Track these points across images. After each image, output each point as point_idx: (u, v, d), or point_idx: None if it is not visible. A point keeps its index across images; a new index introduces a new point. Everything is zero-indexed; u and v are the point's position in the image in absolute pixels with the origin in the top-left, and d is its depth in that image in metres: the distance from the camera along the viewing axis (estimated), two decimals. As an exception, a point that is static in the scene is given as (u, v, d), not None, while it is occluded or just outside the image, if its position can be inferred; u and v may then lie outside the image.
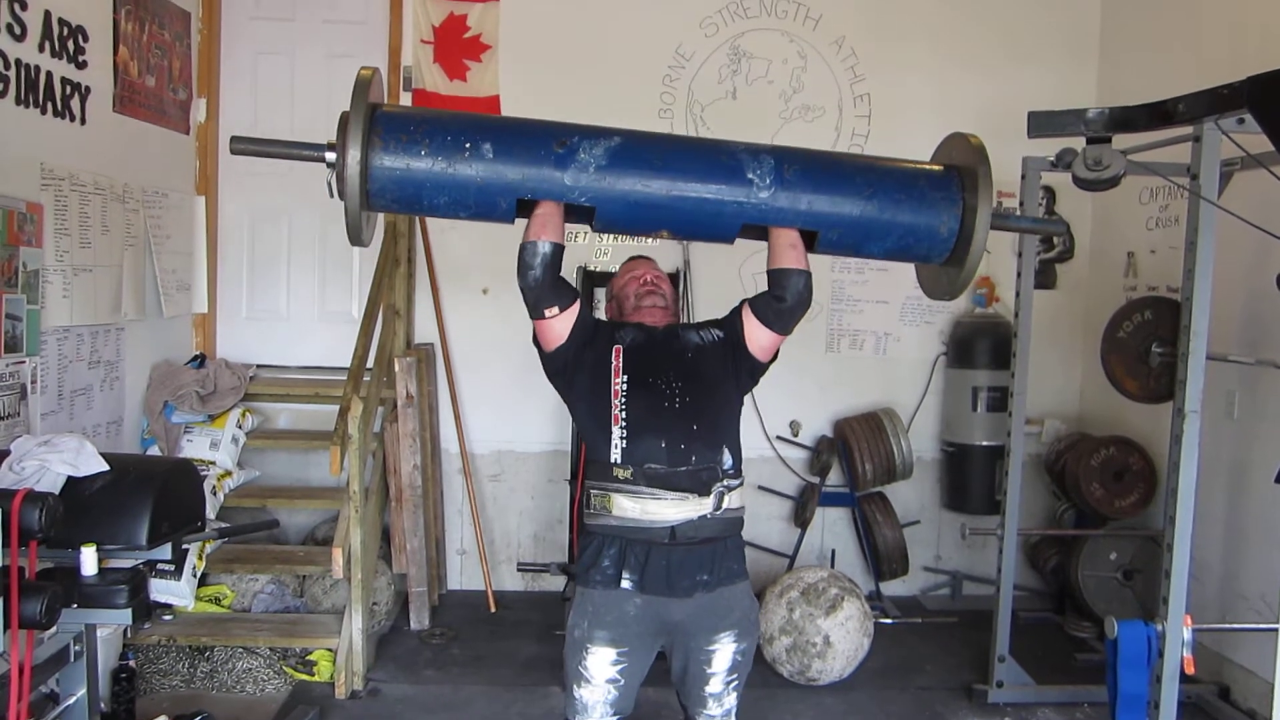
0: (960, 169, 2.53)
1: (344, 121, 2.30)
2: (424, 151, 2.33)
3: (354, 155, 2.27)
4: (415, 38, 5.38)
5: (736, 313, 2.72)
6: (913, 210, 2.48)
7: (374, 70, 2.39)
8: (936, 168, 2.59)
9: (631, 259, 3.00)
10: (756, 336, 2.66)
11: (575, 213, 2.47)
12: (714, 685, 2.67)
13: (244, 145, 2.44)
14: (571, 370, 2.67)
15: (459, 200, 2.39)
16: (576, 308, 2.61)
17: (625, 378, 2.61)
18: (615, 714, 2.65)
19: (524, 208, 2.45)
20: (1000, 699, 4.30)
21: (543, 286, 2.52)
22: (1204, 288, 3.42)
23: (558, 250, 2.48)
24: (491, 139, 2.36)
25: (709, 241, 2.66)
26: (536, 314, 2.59)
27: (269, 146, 2.51)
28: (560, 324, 2.60)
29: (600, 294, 5.26)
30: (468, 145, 2.34)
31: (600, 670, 2.61)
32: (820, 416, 5.66)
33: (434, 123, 2.41)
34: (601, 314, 2.98)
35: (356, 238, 2.43)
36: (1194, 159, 3.42)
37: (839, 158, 2.60)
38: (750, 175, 2.43)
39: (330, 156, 2.35)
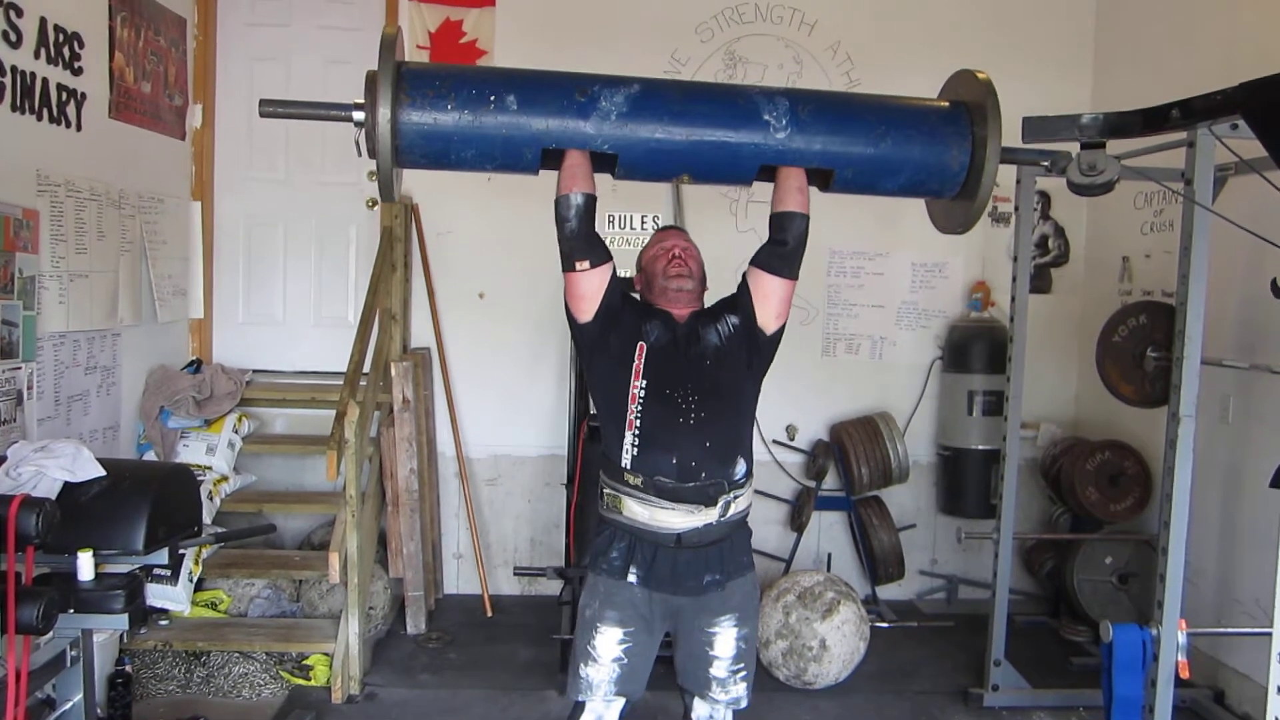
0: (968, 104, 2.63)
1: (371, 80, 2.36)
2: (450, 105, 2.39)
3: (384, 112, 2.32)
4: (411, 43, 5.38)
5: (743, 285, 2.75)
6: (924, 146, 2.56)
7: (398, 28, 2.46)
8: (945, 104, 2.69)
9: (662, 229, 3.02)
10: (769, 291, 2.69)
11: (597, 160, 2.53)
12: (717, 670, 2.71)
13: (273, 107, 2.48)
14: (597, 351, 2.70)
15: (485, 152, 2.45)
16: (607, 270, 2.64)
17: (644, 383, 2.64)
18: (619, 694, 2.70)
19: (548, 159, 2.51)
20: (996, 703, 4.31)
21: (577, 237, 2.57)
22: (1198, 292, 3.44)
23: (590, 200, 2.53)
24: (515, 91, 2.43)
25: (728, 184, 2.74)
26: (568, 265, 2.62)
27: (297, 108, 2.55)
28: (588, 281, 2.62)
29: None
30: (492, 98, 2.40)
31: (607, 650, 2.67)
32: (816, 421, 5.67)
33: (459, 77, 2.47)
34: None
35: (388, 193, 2.48)
36: (1188, 164, 3.43)
37: (851, 97, 2.71)
38: (766, 117, 2.49)
39: (359, 116, 2.40)
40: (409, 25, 5.37)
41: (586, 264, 2.60)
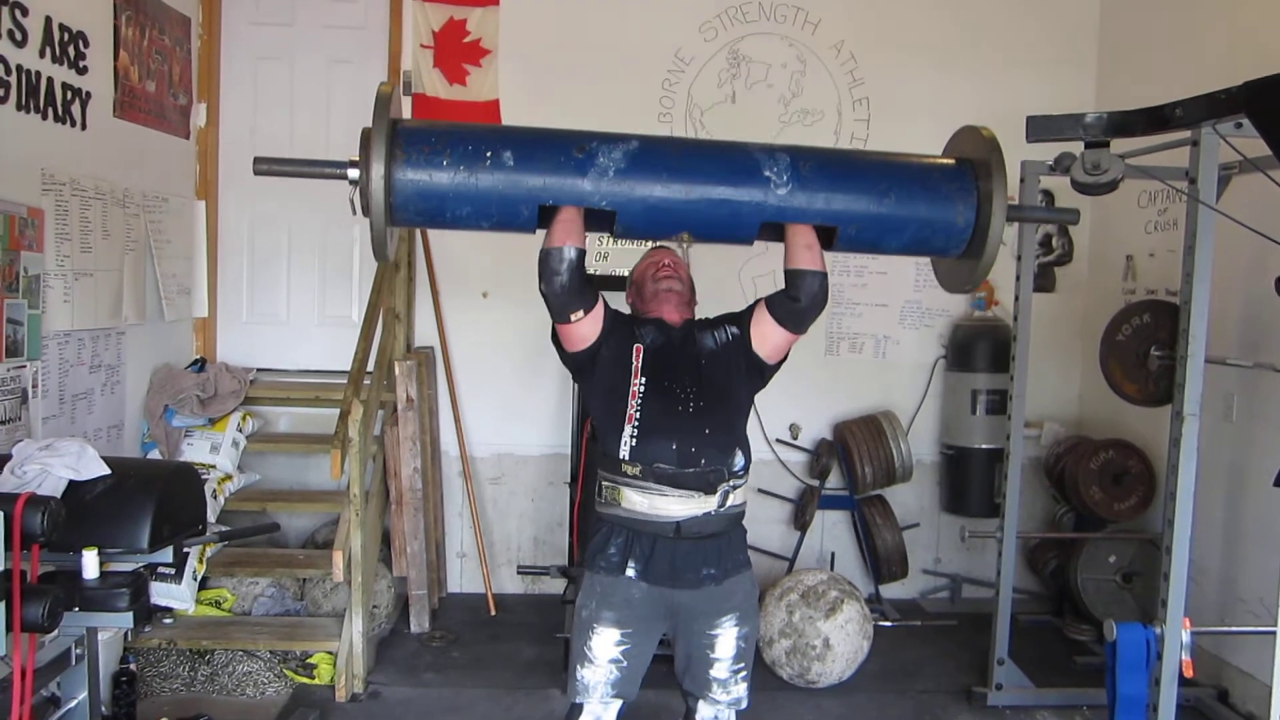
0: (973, 161, 2.57)
1: (366, 137, 2.32)
2: (446, 162, 2.35)
3: (378, 170, 2.29)
4: (415, 42, 5.38)
5: (751, 310, 2.76)
6: (929, 203, 2.51)
7: (393, 86, 2.43)
8: (950, 161, 2.63)
9: (654, 248, 3.03)
10: (770, 336, 2.70)
11: (595, 219, 2.49)
12: (719, 671, 2.71)
13: (267, 165, 2.45)
14: (591, 367, 2.72)
15: (481, 210, 2.42)
16: (599, 309, 2.65)
17: (643, 380, 2.66)
18: (616, 695, 2.70)
19: (544, 216, 2.47)
20: (999, 702, 4.31)
21: (569, 292, 2.54)
22: (1202, 291, 3.43)
23: (581, 255, 2.51)
24: (512, 147, 2.39)
25: (730, 243, 2.69)
26: (562, 319, 2.62)
27: (291, 166, 2.53)
28: (585, 327, 2.64)
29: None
30: (489, 154, 2.37)
31: (604, 651, 2.68)
32: (820, 419, 5.67)
33: (455, 134, 2.43)
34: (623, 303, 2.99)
35: (382, 253, 2.46)
36: (1192, 163, 3.43)
37: (854, 154, 2.66)
38: (767, 173, 2.46)
39: (353, 173, 2.38)
40: (412, 24, 5.37)
41: (581, 313, 2.60)
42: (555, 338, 2.73)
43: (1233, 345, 4.24)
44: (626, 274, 3.07)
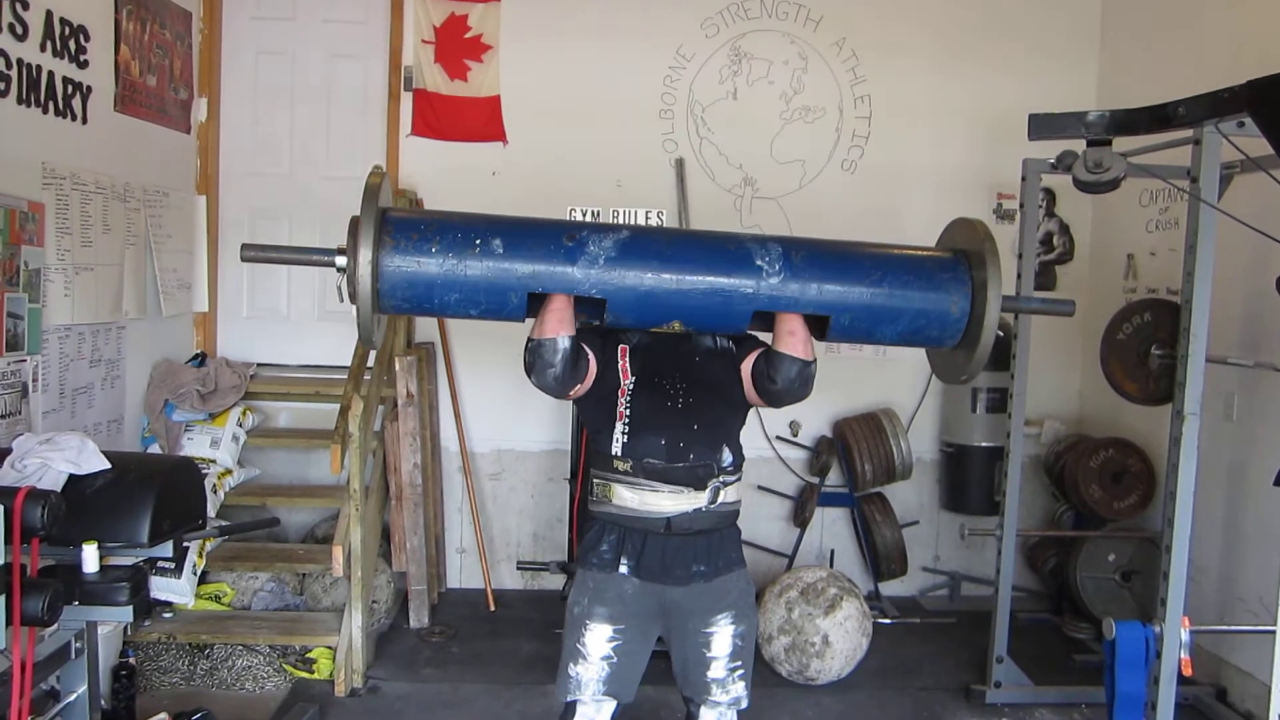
0: (967, 252, 2.56)
1: (354, 226, 2.32)
2: (434, 249, 2.35)
3: (365, 257, 2.29)
4: (416, 38, 5.38)
5: (749, 351, 2.73)
6: (923, 293, 2.49)
7: (383, 175, 2.42)
8: (944, 252, 2.62)
9: None
10: (747, 389, 2.72)
11: (584, 306, 2.48)
12: (716, 670, 2.70)
13: (254, 253, 2.47)
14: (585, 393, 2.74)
15: (470, 298, 2.41)
16: (594, 365, 2.66)
17: (633, 379, 2.68)
18: (609, 694, 2.68)
19: (533, 303, 2.47)
20: (998, 699, 4.31)
21: (563, 380, 2.55)
22: (1204, 290, 3.43)
23: (575, 343, 2.52)
24: (501, 235, 2.38)
25: (720, 331, 2.69)
26: (562, 396, 2.66)
27: (279, 253, 2.57)
28: (584, 388, 2.67)
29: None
30: (477, 241, 2.36)
31: (596, 647, 2.66)
32: (820, 417, 5.66)
33: (443, 222, 2.43)
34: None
35: (369, 340, 2.44)
36: (1194, 162, 3.42)
37: (847, 245, 2.63)
38: (759, 262, 2.44)
39: (341, 261, 2.39)
40: (413, 20, 5.38)
41: (579, 387, 2.64)
42: None
43: (1233, 344, 4.24)
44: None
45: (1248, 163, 3.46)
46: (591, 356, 2.66)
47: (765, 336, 2.66)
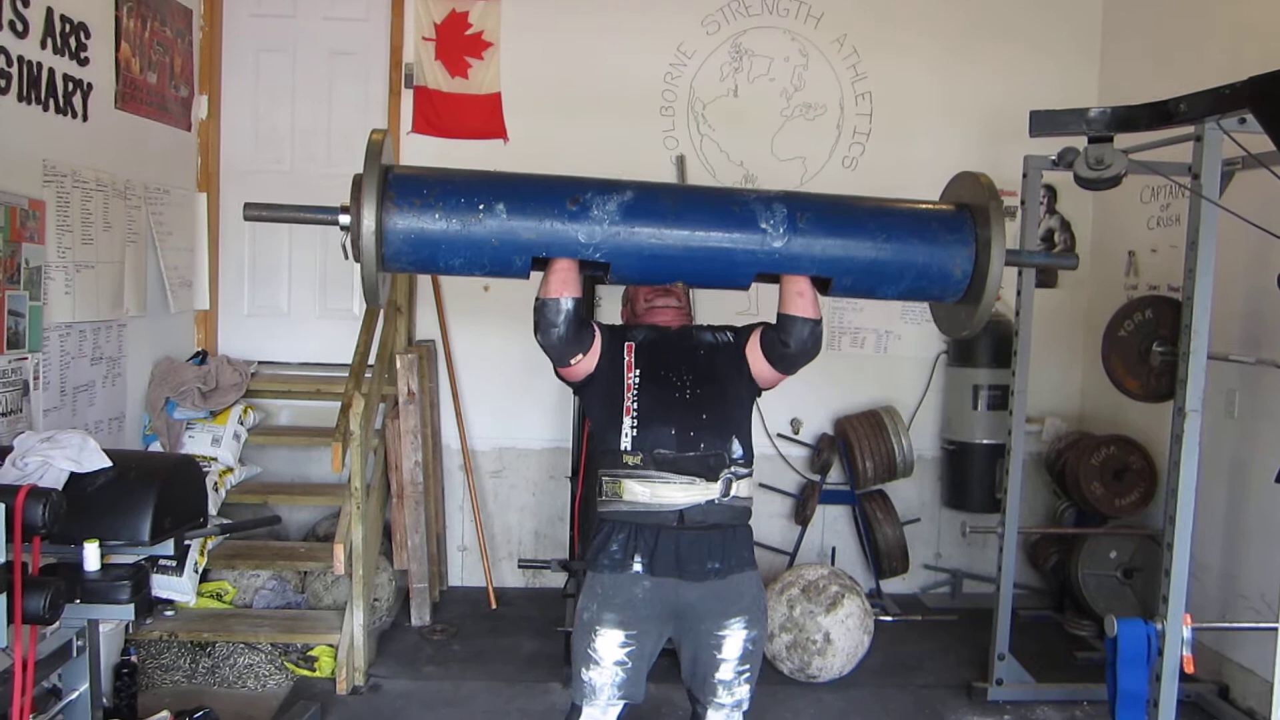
0: (971, 207, 2.54)
1: (358, 184, 2.30)
2: (438, 214, 2.33)
3: (369, 218, 2.27)
4: (417, 35, 5.38)
5: (749, 333, 2.74)
6: (926, 252, 2.48)
7: (384, 133, 2.41)
8: (947, 208, 2.59)
9: None
10: (759, 368, 2.71)
11: (589, 265, 2.47)
12: (724, 672, 2.69)
13: (256, 211, 2.45)
14: (590, 386, 2.73)
15: (474, 260, 2.40)
16: (598, 342, 2.66)
17: (638, 372, 2.67)
18: (623, 698, 2.67)
19: (538, 262, 2.46)
20: (1000, 697, 4.31)
21: (566, 342, 2.55)
22: (1205, 287, 3.42)
23: (578, 304, 2.51)
24: (505, 198, 2.36)
25: (724, 289, 2.67)
26: (562, 364, 2.63)
27: (282, 211, 2.52)
28: (584, 364, 2.65)
29: (599, 290, 5.26)
30: (481, 205, 2.34)
31: (608, 652, 2.64)
32: (821, 414, 5.67)
33: (447, 184, 2.40)
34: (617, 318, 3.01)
35: (374, 299, 2.44)
36: (1195, 158, 3.42)
37: (850, 202, 2.61)
38: (763, 224, 2.42)
39: (344, 219, 2.37)
40: (414, 17, 5.37)
41: (580, 356, 2.61)
42: (557, 373, 2.74)
43: (1235, 341, 4.24)
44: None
45: (1249, 159, 3.45)
46: (598, 334, 2.66)
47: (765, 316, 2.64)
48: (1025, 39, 5.58)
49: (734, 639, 2.68)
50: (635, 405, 2.64)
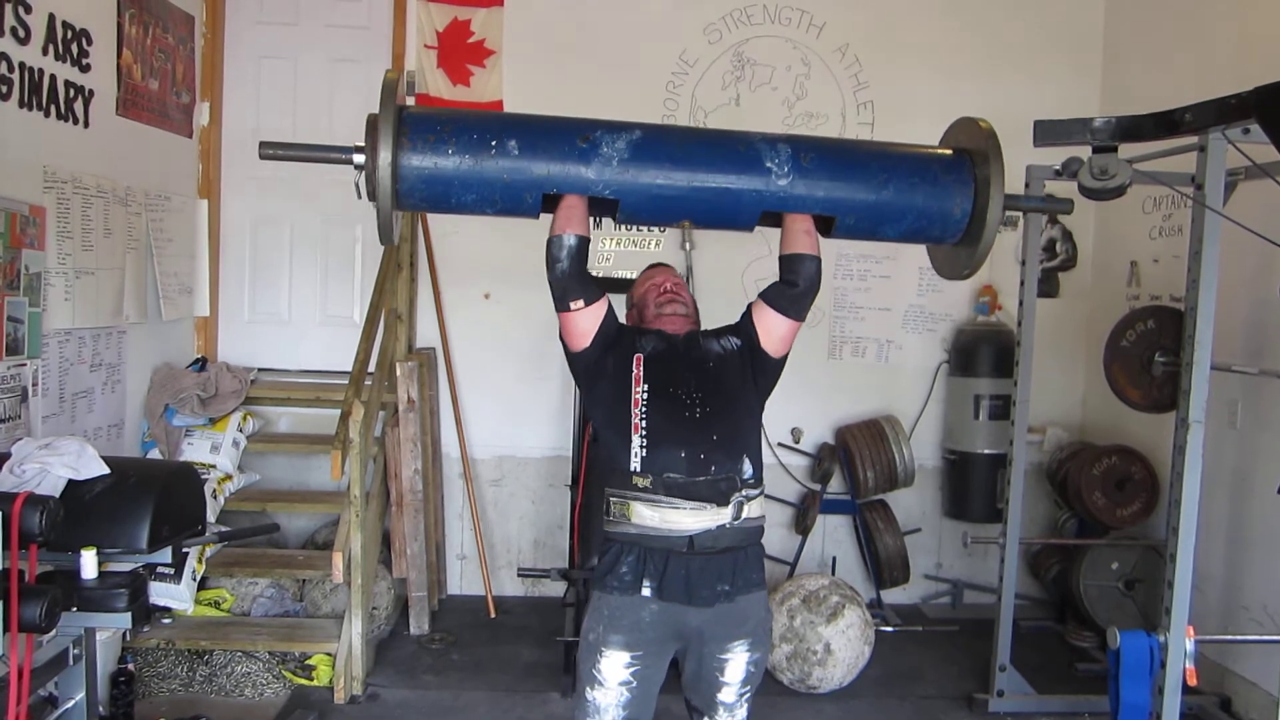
0: (971, 151, 2.59)
1: (373, 123, 2.36)
2: (451, 150, 2.38)
3: (384, 156, 2.32)
4: (419, 43, 5.38)
5: (748, 313, 2.73)
6: (926, 193, 2.54)
7: (399, 73, 2.43)
8: (947, 151, 2.65)
9: (651, 267, 3.02)
10: (771, 327, 2.67)
11: (599, 205, 2.52)
12: (726, 695, 2.67)
13: (272, 150, 2.51)
14: (594, 375, 2.68)
15: (486, 197, 2.45)
16: (602, 307, 2.63)
17: (646, 387, 2.62)
18: (628, 717, 2.63)
19: (549, 202, 2.50)
20: (1001, 708, 4.29)
21: (569, 278, 2.54)
22: (1208, 297, 3.41)
23: (583, 242, 2.52)
24: (517, 136, 2.42)
25: (729, 229, 2.70)
26: (562, 306, 2.60)
27: (297, 151, 2.58)
28: (584, 319, 2.61)
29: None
30: (493, 143, 2.40)
31: (613, 674, 2.61)
32: (822, 424, 5.66)
33: (460, 122, 2.47)
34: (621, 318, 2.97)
35: (388, 236, 2.48)
36: (1200, 168, 3.41)
37: (853, 144, 2.70)
38: (768, 164, 2.48)
39: (359, 159, 2.42)
40: (416, 24, 5.37)
41: (581, 303, 2.59)
42: (561, 337, 2.70)
43: (1237, 352, 4.23)
44: (629, 275, 3.05)
45: (1253, 169, 3.45)
46: (605, 303, 2.64)
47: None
48: (1027, 49, 5.59)
49: (737, 662, 2.65)
50: (644, 424, 2.58)
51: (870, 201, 2.54)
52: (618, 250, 5.51)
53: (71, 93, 3.89)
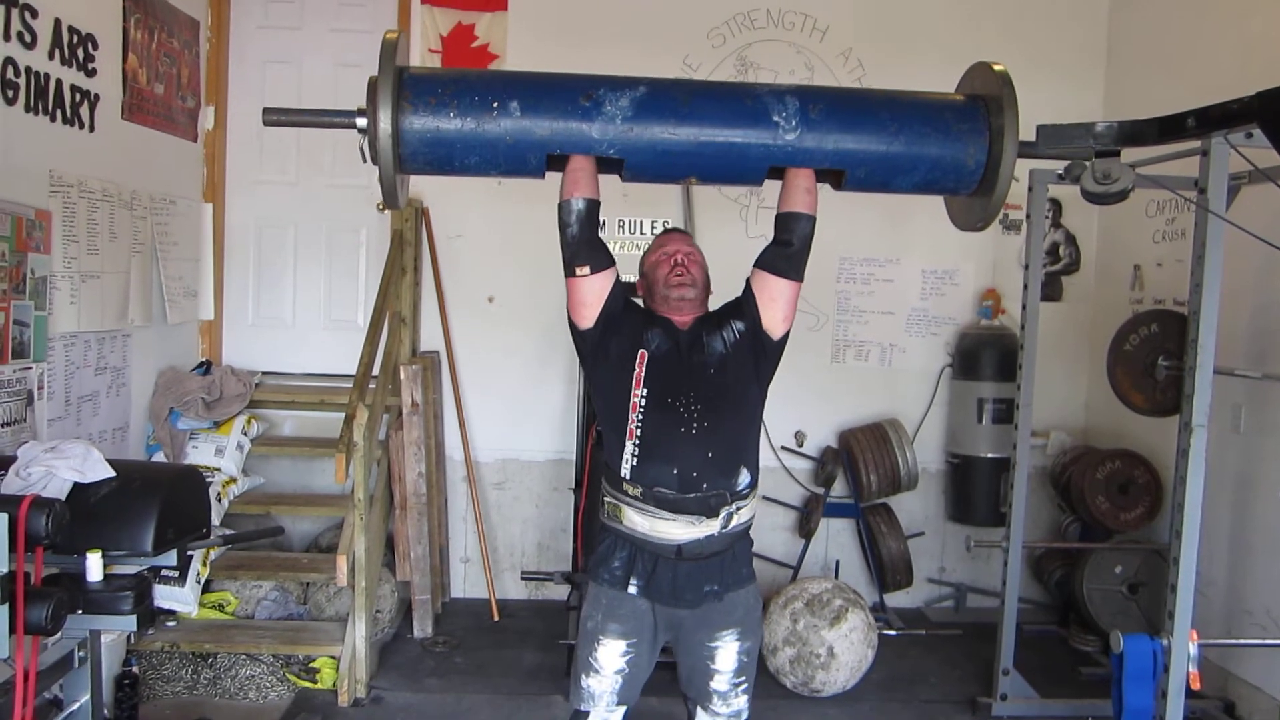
0: (985, 98, 2.54)
1: (373, 86, 2.33)
2: (453, 113, 2.36)
3: (385, 119, 2.30)
4: (423, 47, 5.39)
5: (748, 287, 2.71)
6: (939, 143, 2.49)
7: (399, 33, 2.43)
8: (960, 98, 2.60)
9: (666, 232, 2.94)
10: (775, 293, 2.64)
11: (604, 163, 2.49)
12: (719, 683, 2.70)
13: (276, 116, 2.47)
14: (597, 356, 2.67)
15: (489, 159, 2.43)
16: (609, 276, 2.61)
17: (645, 391, 2.59)
18: (620, 704, 2.70)
19: (554, 162, 2.48)
20: (1004, 712, 4.29)
21: (579, 243, 2.54)
22: (1211, 301, 3.41)
23: (592, 205, 2.51)
24: (519, 96, 2.39)
25: (737, 184, 2.67)
26: (569, 271, 2.60)
27: (300, 115, 2.57)
28: (589, 286, 2.59)
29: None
30: (495, 104, 2.37)
31: (610, 662, 2.66)
32: (825, 427, 5.66)
33: (461, 83, 2.44)
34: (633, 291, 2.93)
35: (392, 200, 2.47)
36: (1202, 173, 3.41)
37: (863, 94, 2.63)
38: (775, 118, 2.44)
39: (361, 122, 2.38)
40: (420, 29, 5.39)
41: (587, 269, 2.57)
42: (569, 313, 2.68)
43: (1241, 356, 4.23)
44: (630, 278, 3.02)
45: (1256, 173, 3.45)
46: (614, 272, 2.62)
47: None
48: (1030, 52, 5.57)
49: (727, 650, 2.69)
50: (639, 430, 2.57)
51: (881, 153, 2.49)
52: (620, 254, 5.49)
53: (77, 97, 3.91)
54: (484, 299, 5.54)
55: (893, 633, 5.22)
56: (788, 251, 2.61)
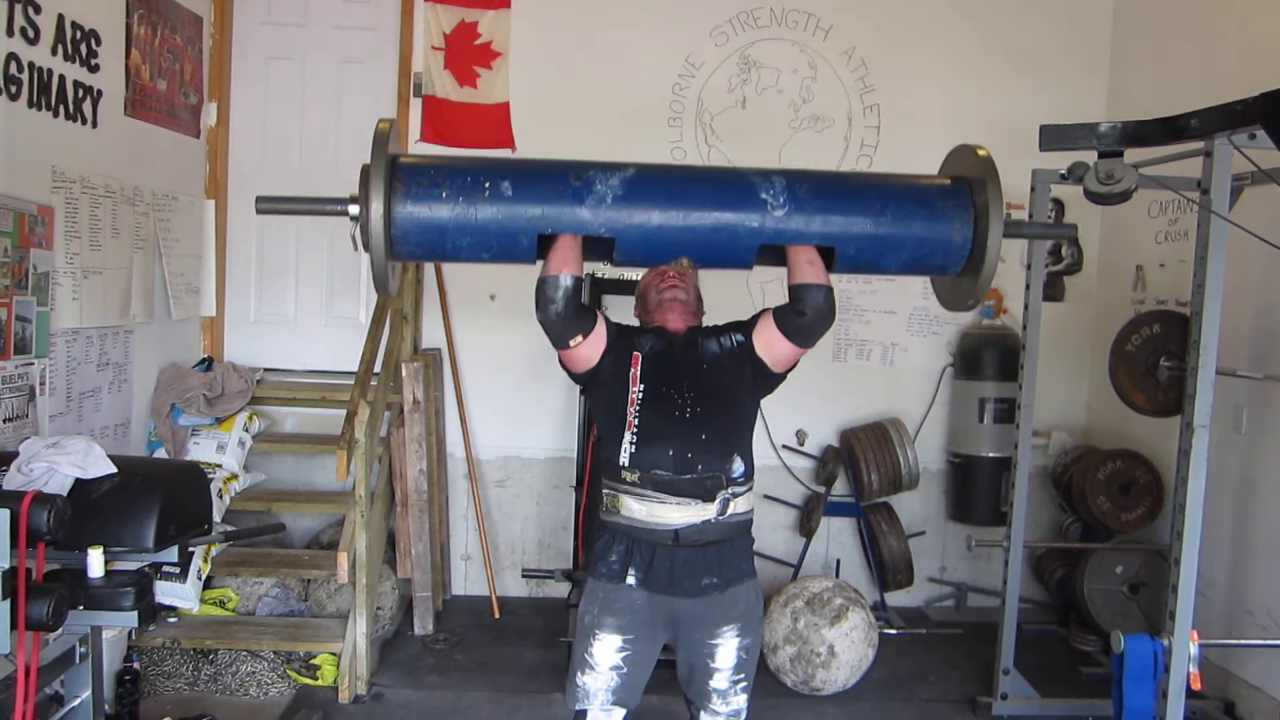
0: (969, 180, 2.56)
1: (366, 174, 2.35)
2: (445, 194, 2.38)
3: (377, 206, 2.32)
4: (426, 44, 5.39)
5: (756, 319, 2.75)
6: (925, 222, 2.51)
7: (391, 122, 2.44)
8: (945, 180, 2.62)
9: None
10: (775, 347, 2.68)
11: (595, 247, 2.50)
12: (718, 681, 2.70)
13: (269, 204, 2.52)
14: (595, 382, 2.74)
15: (481, 241, 2.44)
16: (600, 329, 2.67)
17: (641, 387, 2.67)
18: (616, 703, 2.69)
19: (544, 245, 2.49)
20: (1004, 711, 4.29)
21: (565, 319, 2.56)
22: (1214, 302, 3.41)
23: (578, 282, 2.52)
24: (510, 177, 2.42)
25: (728, 268, 2.69)
26: (561, 345, 2.64)
27: (293, 204, 2.59)
28: (585, 350, 2.65)
29: (607, 300, 5.26)
30: (487, 184, 2.39)
31: (605, 657, 2.67)
32: (826, 426, 5.66)
33: (453, 167, 2.46)
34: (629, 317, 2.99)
35: (384, 288, 2.47)
36: (1205, 174, 3.40)
37: (849, 175, 2.67)
38: (764, 196, 2.46)
39: (353, 209, 2.40)
40: (424, 26, 5.38)
41: (580, 338, 2.62)
42: (561, 363, 2.76)
43: (1243, 356, 4.22)
44: (636, 278, 3.06)
45: (1259, 174, 3.45)
46: (601, 322, 2.67)
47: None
48: (1034, 53, 5.58)
49: (727, 648, 2.70)
50: (636, 421, 2.64)
51: (869, 231, 2.51)
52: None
53: (80, 93, 3.91)
54: (486, 296, 5.54)
55: (893, 632, 5.22)
56: (800, 321, 2.61)
